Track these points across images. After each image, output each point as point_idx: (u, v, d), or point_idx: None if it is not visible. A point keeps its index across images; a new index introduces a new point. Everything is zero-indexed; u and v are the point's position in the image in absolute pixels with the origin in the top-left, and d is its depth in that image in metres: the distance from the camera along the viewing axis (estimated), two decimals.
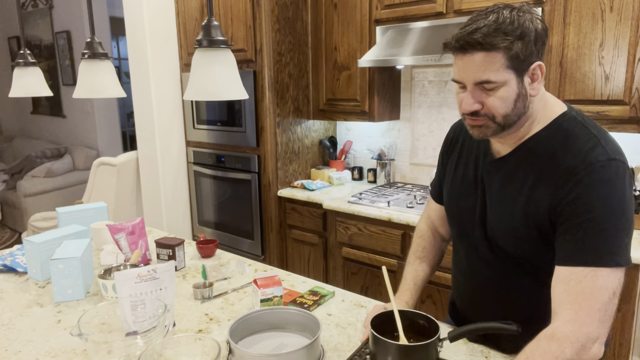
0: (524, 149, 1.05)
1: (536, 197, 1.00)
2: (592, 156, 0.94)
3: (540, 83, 0.99)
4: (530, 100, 0.99)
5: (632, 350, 1.93)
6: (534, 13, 0.97)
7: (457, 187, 1.20)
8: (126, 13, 3.25)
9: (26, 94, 2.03)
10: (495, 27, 0.94)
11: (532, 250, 1.05)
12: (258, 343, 1.19)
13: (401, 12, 2.58)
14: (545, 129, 1.03)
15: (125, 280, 1.19)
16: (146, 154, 3.44)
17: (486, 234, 1.12)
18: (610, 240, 0.93)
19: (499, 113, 0.98)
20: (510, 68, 0.95)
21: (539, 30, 0.95)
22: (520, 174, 1.04)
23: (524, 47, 0.94)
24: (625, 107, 2.01)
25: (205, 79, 1.25)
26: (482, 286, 1.19)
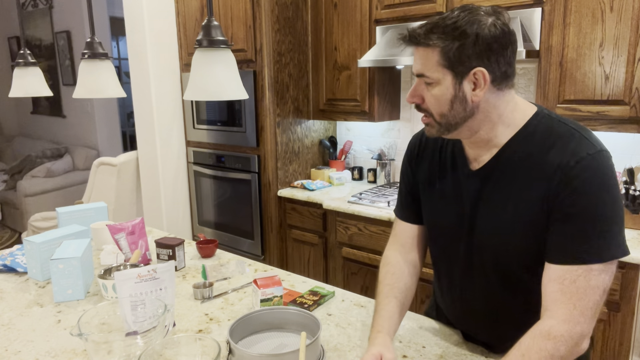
0: (504, 155, 1.02)
1: (528, 200, 0.98)
2: (581, 150, 0.93)
3: (483, 90, 0.96)
4: (474, 105, 0.97)
5: (632, 350, 1.93)
6: (498, 18, 0.94)
7: (437, 203, 1.15)
8: (126, 13, 3.25)
9: (26, 94, 2.03)
10: (437, 25, 0.95)
11: (522, 261, 1.02)
12: (258, 343, 1.19)
13: (401, 12, 2.58)
14: (521, 131, 1.01)
15: (125, 280, 1.19)
16: (146, 154, 3.44)
17: (472, 249, 1.09)
18: (605, 233, 0.92)
19: (435, 111, 1.00)
20: (445, 67, 0.95)
21: (485, 35, 0.92)
22: (506, 180, 1.02)
23: (460, 48, 0.93)
24: (625, 107, 2.01)
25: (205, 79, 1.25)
26: (467, 302, 1.16)
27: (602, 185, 0.92)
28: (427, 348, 1.19)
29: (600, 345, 1.96)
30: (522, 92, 2.57)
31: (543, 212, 0.96)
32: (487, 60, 0.94)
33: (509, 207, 1.01)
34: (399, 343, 1.21)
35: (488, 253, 1.06)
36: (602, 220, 0.92)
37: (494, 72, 0.95)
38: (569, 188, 0.93)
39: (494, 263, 1.06)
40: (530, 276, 1.02)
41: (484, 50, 0.93)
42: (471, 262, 1.10)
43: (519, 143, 1.01)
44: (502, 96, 0.99)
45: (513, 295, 1.07)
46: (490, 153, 1.04)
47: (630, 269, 1.84)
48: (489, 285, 1.09)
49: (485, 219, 1.05)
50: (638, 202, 2.09)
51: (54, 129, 6.22)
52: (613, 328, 1.91)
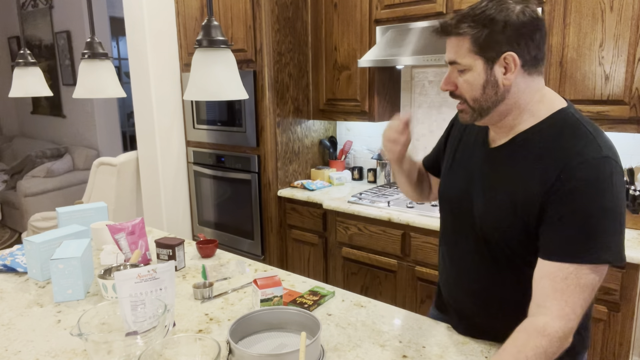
0: (518, 141, 1.07)
1: (526, 188, 1.02)
2: (587, 152, 0.96)
3: (515, 74, 1.00)
4: (505, 89, 1.02)
5: (632, 350, 1.93)
6: (526, 6, 0.99)
7: (451, 174, 1.23)
8: (126, 13, 3.25)
9: (26, 94, 2.03)
10: (467, 15, 1.00)
11: (515, 241, 1.06)
12: (258, 343, 1.19)
13: (401, 12, 2.58)
14: (542, 122, 1.04)
15: (125, 280, 1.19)
16: (146, 154, 3.44)
17: (471, 223, 1.14)
18: (598, 237, 0.94)
19: (468, 96, 1.05)
20: (476, 54, 1.01)
21: (513, 21, 0.97)
22: (512, 164, 1.06)
23: (490, 35, 0.98)
24: (625, 107, 2.01)
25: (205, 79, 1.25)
26: (464, 273, 1.20)
27: (600, 190, 0.94)
28: (427, 348, 1.19)
29: (600, 345, 1.96)
30: None
31: (537, 204, 0.99)
32: (517, 45, 0.98)
33: (508, 189, 1.05)
34: (399, 343, 1.21)
35: (482, 229, 1.11)
36: (597, 224, 0.94)
37: (523, 56, 0.99)
38: (567, 187, 0.95)
39: (486, 240, 1.11)
40: (518, 259, 1.07)
41: (513, 35, 0.98)
42: (468, 236, 1.16)
43: (536, 133, 1.04)
44: (532, 82, 1.03)
45: (501, 273, 1.12)
46: (507, 137, 1.09)
47: (630, 269, 1.84)
48: (482, 260, 1.14)
49: (485, 196, 1.10)
50: (638, 202, 2.09)
51: (54, 129, 6.22)
52: (613, 328, 1.91)
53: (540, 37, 1.01)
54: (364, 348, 1.19)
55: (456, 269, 1.23)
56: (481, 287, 1.17)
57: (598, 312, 1.94)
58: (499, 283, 1.13)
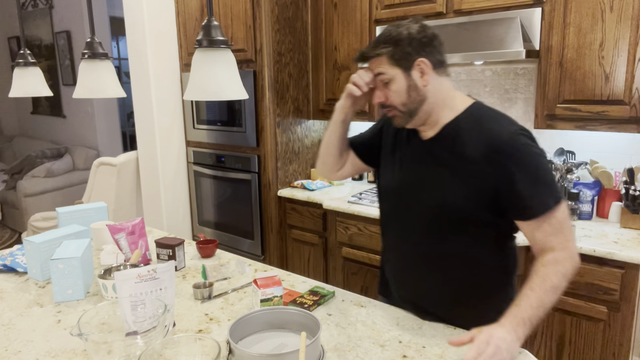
0: (447, 131, 1.26)
1: (472, 169, 1.20)
2: (507, 130, 1.19)
3: (429, 75, 1.22)
4: (424, 89, 1.23)
5: (632, 350, 1.93)
6: (419, 24, 1.23)
7: (393, 168, 1.38)
8: (126, 13, 3.25)
9: (26, 94, 2.03)
10: (378, 41, 1.24)
11: (466, 217, 1.23)
12: (258, 343, 1.19)
13: (401, 12, 2.58)
14: (462, 114, 1.26)
15: (125, 280, 1.19)
16: (146, 154, 3.44)
17: (418, 207, 1.29)
18: (550, 187, 1.18)
19: (398, 103, 1.25)
20: (394, 65, 1.22)
21: (415, 35, 1.21)
22: (449, 152, 1.24)
23: (400, 49, 1.21)
24: (625, 107, 2.01)
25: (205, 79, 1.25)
26: (417, 259, 1.34)
27: (530, 153, 1.17)
28: (427, 348, 1.19)
29: (601, 345, 1.96)
30: (522, 92, 2.57)
31: (485, 179, 1.18)
32: (424, 51, 1.22)
33: (451, 172, 1.23)
34: (398, 343, 1.21)
35: (430, 209, 1.27)
36: (543, 176, 1.17)
37: (432, 60, 1.22)
38: (507, 160, 1.16)
39: (434, 218, 1.27)
40: (461, 230, 1.25)
41: (418, 45, 1.21)
42: (415, 219, 1.31)
43: (460, 122, 1.25)
44: (443, 82, 1.26)
45: (449, 249, 1.28)
46: (435, 130, 1.29)
47: (630, 269, 1.84)
48: (427, 235, 1.30)
49: (429, 180, 1.27)
50: (638, 202, 2.09)
51: (54, 129, 6.22)
52: (613, 328, 1.91)
53: (439, 44, 1.24)
54: (364, 348, 1.19)
55: (409, 256, 1.36)
56: (435, 267, 1.31)
57: (598, 312, 1.94)
58: (451, 262, 1.29)
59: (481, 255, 1.27)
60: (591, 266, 1.93)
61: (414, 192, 1.30)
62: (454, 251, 1.28)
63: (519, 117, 2.60)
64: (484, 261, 1.28)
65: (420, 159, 1.30)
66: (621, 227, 2.15)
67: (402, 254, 1.38)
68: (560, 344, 2.06)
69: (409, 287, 1.38)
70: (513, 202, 1.18)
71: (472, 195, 1.20)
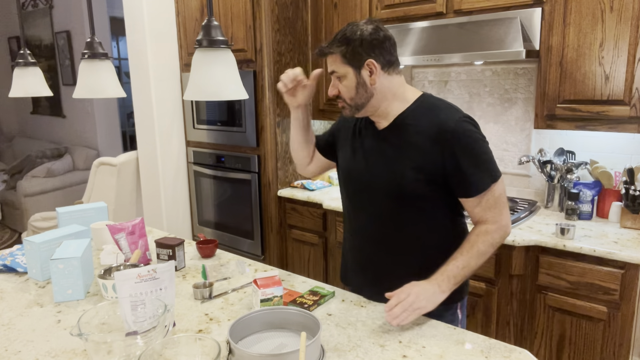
0: (399, 120, 1.38)
1: (422, 154, 1.32)
2: (452, 117, 1.31)
3: (378, 75, 1.33)
4: (372, 87, 1.34)
5: (632, 350, 1.93)
6: (373, 25, 1.32)
7: (351, 157, 1.49)
8: (126, 13, 3.25)
9: (26, 94, 2.03)
10: (334, 39, 1.35)
11: (419, 196, 1.36)
12: (258, 343, 1.19)
13: (401, 12, 2.58)
14: (412, 104, 1.38)
15: (125, 280, 1.19)
16: (146, 154, 3.44)
17: (375, 190, 1.41)
18: (489, 166, 1.31)
19: (347, 97, 1.37)
20: (346, 64, 1.34)
21: (366, 37, 1.31)
22: (403, 139, 1.36)
23: (352, 49, 1.32)
24: (625, 107, 2.01)
25: (205, 79, 1.25)
26: (375, 242, 1.46)
27: (472, 137, 1.30)
28: (427, 348, 1.19)
29: (601, 345, 1.96)
30: (522, 92, 2.57)
31: (433, 161, 1.31)
32: (373, 53, 1.32)
33: (404, 157, 1.35)
34: (398, 343, 1.22)
35: (385, 193, 1.39)
36: (482, 158, 1.31)
37: (380, 61, 1.33)
38: (452, 144, 1.29)
39: (389, 199, 1.39)
40: (416, 209, 1.38)
41: (368, 47, 1.31)
42: (372, 199, 1.42)
43: (411, 112, 1.37)
44: (392, 80, 1.37)
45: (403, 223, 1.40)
46: (388, 121, 1.40)
47: (630, 269, 1.84)
48: (384, 215, 1.42)
49: (386, 166, 1.38)
50: (638, 202, 2.09)
51: (54, 129, 6.22)
52: (613, 328, 1.91)
53: (390, 45, 1.34)
54: (364, 348, 1.19)
55: (367, 239, 1.48)
56: (393, 249, 1.44)
57: (598, 312, 1.94)
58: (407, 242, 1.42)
59: (434, 233, 1.40)
60: (591, 266, 1.93)
61: (370, 178, 1.42)
62: (410, 231, 1.40)
63: (519, 117, 2.60)
64: (438, 238, 1.41)
65: (376, 147, 1.42)
66: (621, 227, 2.15)
67: (361, 238, 1.50)
68: (560, 344, 2.06)
69: (369, 270, 1.50)
70: (457, 181, 1.32)
71: (423, 176, 1.33)
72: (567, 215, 2.26)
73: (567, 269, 1.98)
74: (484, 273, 2.16)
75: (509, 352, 1.17)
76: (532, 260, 2.07)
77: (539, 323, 2.10)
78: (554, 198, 2.43)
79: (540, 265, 2.04)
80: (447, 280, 1.28)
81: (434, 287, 1.27)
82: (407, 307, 1.23)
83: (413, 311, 1.24)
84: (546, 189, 2.46)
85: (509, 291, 2.13)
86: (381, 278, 1.46)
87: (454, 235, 1.41)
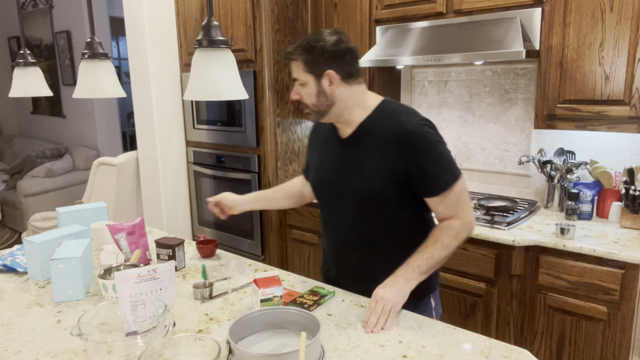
0: (362, 128, 1.43)
1: (381, 157, 1.37)
2: (411, 121, 1.36)
3: (337, 85, 1.37)
4: (332, 96, 1.39)
5: (632, 350, 1.93)
6: (336, 37, 1.37)
7: (320, 166, 1.55)
8: (126, 13, 3.25)
9: (26, 94, 2.03)
10: (298, 46, 1.38)
11: (386, 198, 1.41)
12: (258, 343, 1.19)
13: (401, 12, 2.58)
14: (373, 111, 1.43)
15: (125, 280, 1.19)
16: (146, 154, 3.44)
17: (345, 196, 1.46)
18: (449, 166, 1.37)
19: (309, 103, 1.42)
20: (307, 72, 1.38)
21: (328, 48, 1.35)
22: (366, 146, 1.41)
23: (312, 58, 1.36)
24: (625, 107, 2.01)
25: (205, 79, 1.25)
26: (348, 244, 1.51)
27: (431, 139, 1.35)
28: (427, 348, 1.19)
29: (601, 345, 1.96)
30: (522, 92, 2.57)
31: (400, 167, 1.35)
32: (334, 64, 1.36)
33: (369, 162, 1.40)
34: (398, 343, 1.22)
35: (354, 197, 1.44)
36: (444, 158, 1.36)
37: (340, 72, 1.37)
38: (413, 147, 1.34)
39: (358, 204, 1.44)
40: (384, 210, 1.43)
41: (329, 58, 1.36)
42: (343, 205, 1.48)
43: (372, 119, 1.42)
44: (352, 89, 1.41)
45: (374, 225, 1.46)
46: (352, 128, 1.45)
47: (630, 269, 1.84)
48: (355, 219, 1.47)
49: (353, 172, 1.43)
50: (638, 202, 2.09)
51: (54, 129, 6.22)
52: (613, 328, 1.91)
53: (351, 57, 1.38)
54: (364, 348, 1.19)
55: (341, 241, 1.54)
56: (366, 249, 1.49)
57: (598, 312, 1.94)
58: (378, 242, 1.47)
59: (403, 231, 1.46)
60: (591, 266, 1.93)
61: (339, 186, 1.47)
62: (380, 231, 1.46)
63: (519, 117, 2.60)
64: (406, 236, 1.46)
65: (341, 155, 1.47)
66: (621, 227, 2.15)
67: (337, 245, 1.56)
68: (560, 344, 2.06)
69: (345, 268, 1.56)
70: (420, 181, 1.37)
71: (387, 179, 1.38)
72: (567, 215, 2.26)
73: (567, 269, 1.98)
74: (484, 273, 2.17)
75: (509, 352, 1.17)
76: (532, 260, 2.07)
77: (539, 323, 2.10)
78: (554, 198, 2.43)
79: (540, 265, 2.04)
80: (412, 269, 1.34)
81: (398, 279, 1.33)
82: (379, 313, 1.28)
83: (387, 313, 1.29)
84: (546, 189, 2.46)
85: (509, 291, 2.13)
86: (360, 280, 1.51)
87: (423, 233, 1.45)
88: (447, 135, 2.88)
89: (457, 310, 2.29)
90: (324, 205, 1.59)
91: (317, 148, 1.60)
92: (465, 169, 2.83)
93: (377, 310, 1.28)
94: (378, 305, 1.29)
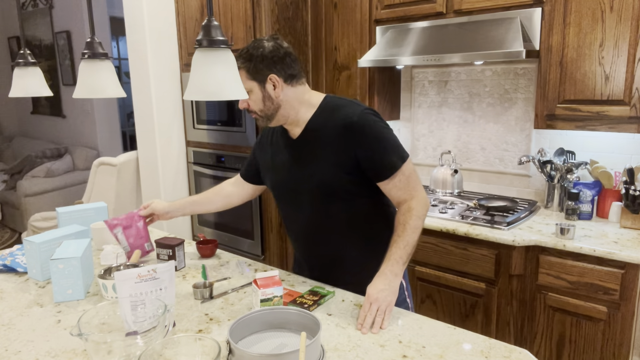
0: (310, 127, 1.48)
1: (332, 151, 1.43)
2: (355, 111, 1.41)
3: (281, 88, 1.43)
4: (278, 99, 1.44)
5: (632, 350, 1.93)
6: (273, 42, 1.44)
7: (274, 168, 1.60)
8: (126, 13, 3.25)
9: (26, 94, 2.03)
10: (239, 55, 1.42)
11: (343, 190, 1.46)
12: (258, 343, 1.19)
13: (401, 12, 2.58)
14: (318, 109, 1.48)
15: (125, 280, 1.19)
16: (146, 154, 3.44)
17: (302, 193, 1.51)
18: (395, 149, 1.42)
19: (257, 109, 1.46)
20: (251, 79, 1.42)
21: (267, 54, 1.41)
22: (316, 143, 1.46)
23: (253, 65, 1.41)
24: (625, 107, 2.01)
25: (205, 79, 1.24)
26: (310, 230, 1.57)
27: (375, 126, 1.41)
28: (427, 348, 1.19)
29: (601, 345, 1.96)
30: (522, 92, 2.57)
31: (350, 157, 1.41)
32: (275, 68, 1.42)
33: (321, 158, 1.45)
34: (398, 343, 1.22)
35: (311, 192, 1.49)
36: (388, 143, 1.41)
37: (282, 75, 1.43)
38: (360, 135, 1.39)
39: (317, 198, 1.49)
40: (343, 202, 1.48)
41: (269, 63, 1.41)
42: (303, 202, 1.52)
43: (318, 116, 1.48)
44: (296, 90, 1.47)
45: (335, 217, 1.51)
46: (300, 127, 1.50)
47: (630, 269, 1.84)
48: (317, 213, 1.52)
49: (308, 170, 1.48)
50: (638, 202, 2.09)
51: (54, 129, 6.22)
52: (613, 328, 1.91)
53: (291, 60, 1.44)
54: (363, 348, 1.19)
55: (305, 237, 1.60)
56: (331, 243, 1.55)
57: (598, 312, 1.94)
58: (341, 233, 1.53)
59: (364, 219, 1.51)
60: (591, 266, 1.93)
61: (295, 185, 1.52)
62: (342, 222, 1.50)
63: (519, 117, 2.60)
64: (368, 223, 1.52)
65: (294, 155, 1.52)
66: (621, 227, 2.15)
67: (304, 241, 1.62)
68: (560, 344, 2.06)
69: (316, 263, 1.62)
70: (370, 167, 1.42)
71: (341, 171, 1.43)
72: (567, 215, 2.26)
73: (567, 269, 1.98)
74: (484, 273, 2.17)
75: (509, 352, 1.17)
76: (532, 260, 2.07)
77: (539, 323, 2.10)
78: (554, 198, 2.43)
79: (540, 265, 2.04)
80: (396, 262, 1.37)
81: (386, 276, 1.36)
82: (374, 314, 1.30)
83: (382, 313, 1.30)
84: (546, 189, 2.46)
85: (509, 291, 2.13)
86: (330, 273, 1.58)
87: (384, 219, 1.52)
88: (447, 135, 2.89)
89: (457, 310, 2.29)
90: (283, 207, 1.64)
91: (269, 151, 1.64)
92: (465, 169, 2.83)
93: (372, 312, 1.30)
94: (373, 307, 1.31)
